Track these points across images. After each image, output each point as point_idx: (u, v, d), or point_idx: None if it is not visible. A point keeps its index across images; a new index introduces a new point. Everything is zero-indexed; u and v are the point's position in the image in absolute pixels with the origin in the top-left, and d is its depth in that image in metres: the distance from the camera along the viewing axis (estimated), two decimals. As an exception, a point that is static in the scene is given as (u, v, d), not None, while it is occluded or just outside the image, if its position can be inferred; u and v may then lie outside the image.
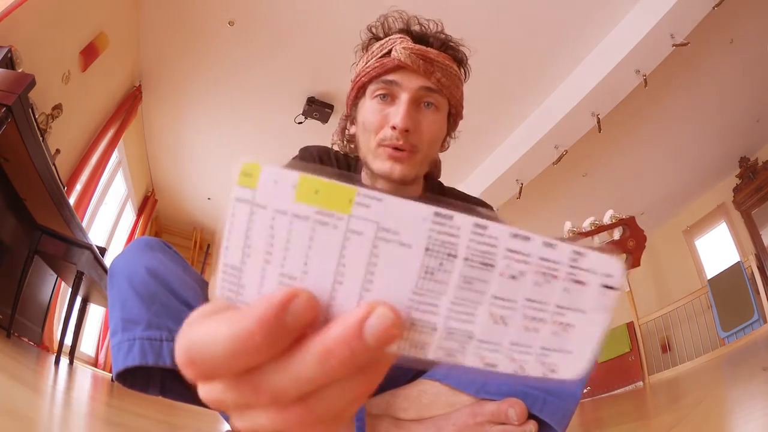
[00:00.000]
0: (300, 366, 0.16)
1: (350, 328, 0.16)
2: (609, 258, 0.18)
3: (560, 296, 0.17)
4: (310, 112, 3.33)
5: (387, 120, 0.74)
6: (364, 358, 0.16)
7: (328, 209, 0.16)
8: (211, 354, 0.16)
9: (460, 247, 0.17)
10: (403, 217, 0.16)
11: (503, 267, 0.17)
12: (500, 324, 0.17)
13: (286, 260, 0.17)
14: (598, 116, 3.08)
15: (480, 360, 0.18)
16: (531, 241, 0.17)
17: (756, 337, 3.57)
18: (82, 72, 2.55)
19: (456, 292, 0.17)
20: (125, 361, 0.55)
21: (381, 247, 0.16)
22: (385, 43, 0.76)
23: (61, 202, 2.09)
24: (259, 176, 0.17)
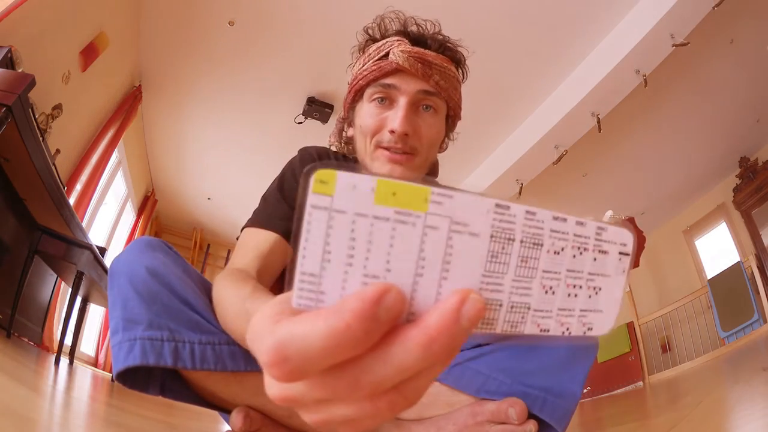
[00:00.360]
0: (404, 355, 0.17)
1: (450, 316, 0.17)
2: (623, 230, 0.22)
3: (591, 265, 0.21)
4: (310, 112, 3.33)
5: (385, 123, 0.73)
6: (460, 342, 0.17)
7: (407, 209, 0.18)
8: (307, 350, 0.17)
9: (516, 232, 0.19)
10: (471, 210, 0.18)
11: (549, 245, 0.20)
12: (550, 293, 0.20)
13: (368, 261, 0.18)
14: (598, 116, 3.08)
15: (537, 327, 0.20)
16: (567, 221, 0.20)
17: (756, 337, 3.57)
18: (82, 72, 2.55)
19: (515, 270, 0.20)
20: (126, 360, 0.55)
21: (454, 238, 0.18)
22: (383, 45, 0.75)
23: (61, 202, 2.09)
24: (336, 183, 0.17)
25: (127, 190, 4.05)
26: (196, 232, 5.35)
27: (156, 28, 2.88)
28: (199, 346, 0.57)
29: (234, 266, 0.66)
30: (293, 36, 2.87)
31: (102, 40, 2.60)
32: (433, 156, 0.80)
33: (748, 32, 2.98)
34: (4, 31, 1.81)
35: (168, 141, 3.96)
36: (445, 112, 0.78)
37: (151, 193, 4.57)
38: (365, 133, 0.75)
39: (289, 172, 0.80)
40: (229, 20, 2.78)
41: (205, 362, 0.57)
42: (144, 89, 3.31)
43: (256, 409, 0.63)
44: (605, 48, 2.84)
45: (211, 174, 4.35)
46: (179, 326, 0.57)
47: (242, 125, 3.70)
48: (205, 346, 0.57)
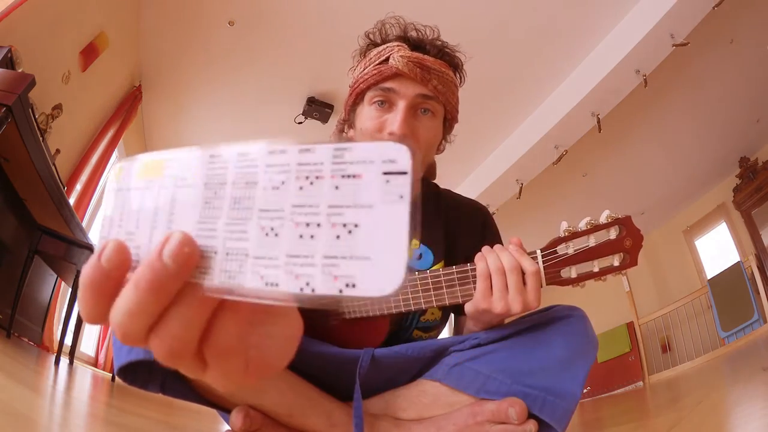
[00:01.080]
0: (122, 299, 0.19)
1: (152, 254, 0.18)
2: (386, 144, 0.17)
3: (331, 195, 0.17)
4: (310, 112, 3.33)
5: (384, 126, 0.76)
6: (170, 278, 0.18)
7: (151, 177, 0.21)
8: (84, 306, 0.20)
9: (228, 175, 0.19)
10: (188, 165, 0.20)
11: (265, 182, 0.18)
12: (271, 236, 0.17)
13: (127, 221, 0.21)
14: (598, 116, 3.08)
15: (259, 279, 0.17)
16: (288, 152, 0.18)
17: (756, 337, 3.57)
18: (82, 72, 2.55)
19: (228, 213, 0.18)
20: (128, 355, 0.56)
21: (178, 193, 0.20)
22: (383, 50, 0.78)
23: (61, 202, 2.09)
24: (122, 170, 0.22)
25: (127, 190, 4.04)
26: (196, 232, 5.36)
27: (156, 28, 2.87)
28: None
29: None
30: (293, 36, 2.87)
31: (102, 40, 2.60)
32: (430, 158, 0.83)
33: (748, 32, 2.98)
34: (4, 31, 1.81)
35: (168, 141, 3.96)
36: (442, 116, 0.81)
37: (151, 193, 4.57)
38: (365, 136, 0.77)
39: None
40: (229, 20, 2.78)
41: None
42: (144, 89, 3.31)
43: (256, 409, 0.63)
44: (605, 48, 2.84)
45: (211, 174, 4.35)
46: None
47: (242, 125, 3.69)
48: None
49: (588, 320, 0.69)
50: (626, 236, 0.66)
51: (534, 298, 0.61)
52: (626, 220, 0.67)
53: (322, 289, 0.16)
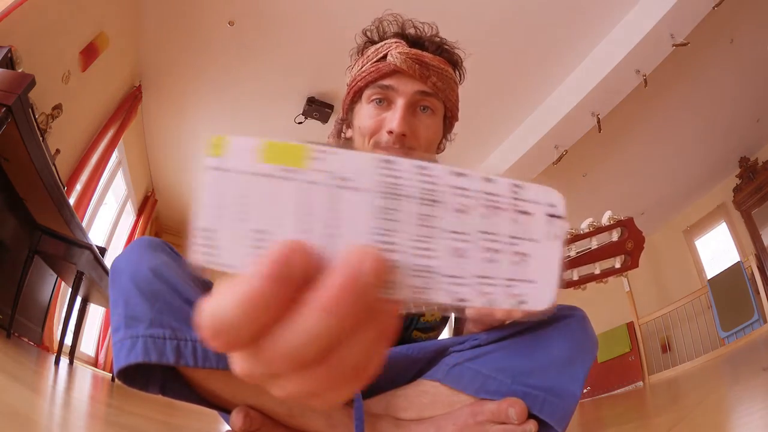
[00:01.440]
0: (309, 320, 0.16)
1: (349, 273, 0.16)
2: (548, 189, 0.19)
3: (510, 227, 0.19)
4: (310, 112, 3.33)
5: (383, 124, 0.75)
6: (366, 301, 0.16)
7: (289, 165, 0.18)
8: (226, 317, 0.17)
9: (407, 187, 0.18)
10: (355, 165, 0.18)
11: (451, 202, 0.18)
12: (460, 256, 0.18)
13: (256, 216, 0.18)
14: (598, 116, 3.08)
15: (450, 296, 0.18)
16: (470, 176, 0.19)
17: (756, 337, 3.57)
18: (82, 72, 2.55)
19: (411, 229, 0.18)
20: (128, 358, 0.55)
21: (337, 194, 0.18)
22: (381, 47, 0.77)
23: (61, 202, 2.09)
24: (226, 146, 0.18)
25: (127, 190, 4.04)
26: (196, 232, 5.35)
27: (156, 28, 2.87)
28: (202, 344, 0.57)
29: None
30: (293, 36, 2.87)
31: (102, 40, 2.60)
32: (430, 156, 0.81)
33: (748, 32, 2.98)
34: (4, 31, 1.81)
35: (168, 141, 3.96)
36: (442, 113, 0.79)
37: (151, 193, 4.57)
38: (364, 134, 0.76)
39: None
40: (229, 20, 2.78)
41: (207, 360, 0.57)
42: (144, 89, 3.31)
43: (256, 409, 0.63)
44: (605, 48, 2.84)
45: (211, 174, 4.35)
46: (182, 324, 0.57)
47: (242, 125, 3.70)
48: None
49: (588, 320, 0.69)
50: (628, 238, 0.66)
51: None
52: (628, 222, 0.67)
53: (501, 304, 0.19)
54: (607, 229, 0.67)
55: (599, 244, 0.67)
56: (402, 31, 0.79)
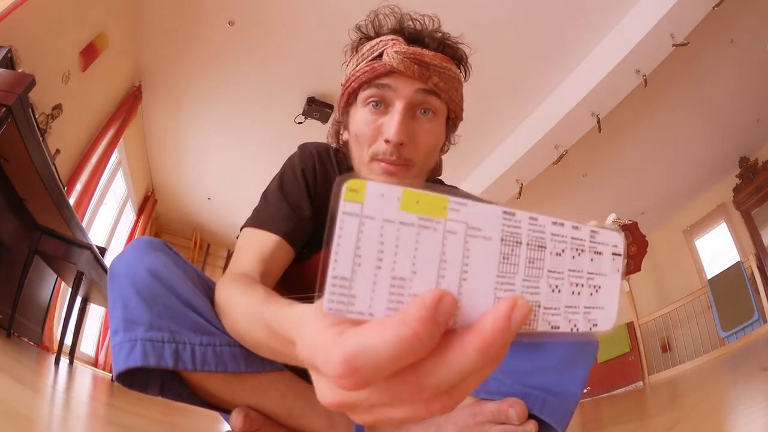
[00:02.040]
0: (463, 359, 0.18)
1: (503, 321, 0.18)
2: (613, 233, 0.24)
3: (589, 265, 0.23)
4: (310, 112, 3.33)
5: (380, 132, 0.69)
6: (509, 344, 0.19)
7: (428, 215, 0.19)
8: (378, 359, 0.18)
9: (523, 236, 0.21)
10: (483, 216, 0.21)
11: (552, 247, 0.22)
12: (556, 292, 0.22)
13: (396, 264, 0.19)
14: (598, 116, 3.08)
15: (547, 324, 0.22)
16: (565, 225, 0.22)
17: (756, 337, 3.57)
18: (82, 72, 2.55)
19: (525, 271, 0.21)
20: (127, 361, 0.55)
21: (470, 242, 0.20)
22: (376, 44, 0.70)
23: (61, 202, 2.09)
24: (365, 191, 0.19)
25: (127, 190, 4.04)
26: (196, 233, 5.35)
27: (156, 28, 2.87)
28: (200, 348, 0.57)
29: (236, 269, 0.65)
30: (293, 36, 2.87)
31: (102, 40, 2.60)
32: (431, 163, 0.76)
33: (748, 32, 2.98)
34: (4, 31, 1.81)
35: (168, 141, 3.96)
36: (445, 115, 0.73)
37: (151, 193, 4.57)
38: (361, 143, 0.71)
39: (289, 170, 0.77)
40: (229, 20, 2.78)
41: (205, 364, 0.57)
42: (144, 89, 3.31)
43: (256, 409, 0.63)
44: (605, 48, 2.83)
45: (210, 174, 4.35)
46: (180, 328, 0.57)
47: (242, 125, 3.70)
48: (206, 347, 0.57)
49: (588, 320, 0.69)
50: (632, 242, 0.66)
51: None
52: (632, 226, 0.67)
53: (581, 328, 0.23)
54: None
55: None
56: (399, 25, 0.72)
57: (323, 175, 0.78)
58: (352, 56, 0.75)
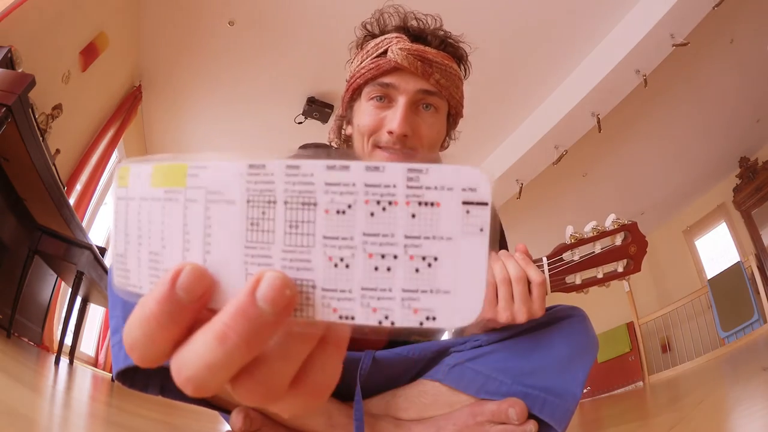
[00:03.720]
0: (204, 347, 0.16)
1: (243, 300, 0.15)
2: (463, 168, 0.16)
3: (407, 224, 0.15)
4: (310, 112, 3.33)
5: (383, 124, 0.71)
6: (268, 327, 0.16)
7: (172, 186, 0.18)
8: (134, 336, 0.17)
9: (277, 192, 0.16)
10: (224, 177, 0.17)
11: (326, 203, 0.16)
12: (341, 267, 0.16)
13: (150, 239, 0.18)
14: (598, 116, 3.08)
15: (332, 312, 0.16)
16: (351, 169, 0.16)
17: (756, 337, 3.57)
18: (82, 72, 2.55)
19: (284, 239, 0.16)
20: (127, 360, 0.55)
21: (212, 209, 0.17)
22: (381, 42, 0.73)
23: (61, 202, 2.09)
24: (129, 175, 0.19)
25: (127, 190, 4.04)
26: (196, 232, 5.35)
27: (156, 28, 2.87)
28: None
29: None
30: (293, 36, 2.87)
31: (102, 40, 2.60)
32: (433, 157, 0.79)
33: (748, 32, 2.98)
34: (4, 31, 1.81)
35: (168, 141, 3.96)
36: (446, 111, 0.76)
37: (151, 193, 4.57)
38: (363, 133, 0.73)
39: None
40: (229, 20, 2.78)
41: None
42: (144, 89, 3.31)
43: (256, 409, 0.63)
44: (605, 48, 2.83)
45: (211, 174, 4.35)
46: None
47: (242, 125, 3.69)
48: None
49: (588, 320, 0.69)
50: (632, 242, 0.66)
51: (539, 307, 0.60)
52: (632, 226, 0.67)
53: (402, 323, 0.16)
54: (611, 234, 0.66)
55: (603, 248, 0.67)
56: (403, 24, 0.75)
57: None
58: (357, 53, 0.78)
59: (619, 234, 0.67)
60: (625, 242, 0.66)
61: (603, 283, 0.67)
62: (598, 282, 0.67)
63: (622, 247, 0.66)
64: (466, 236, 0.16)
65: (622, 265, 0.67)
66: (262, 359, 0.16)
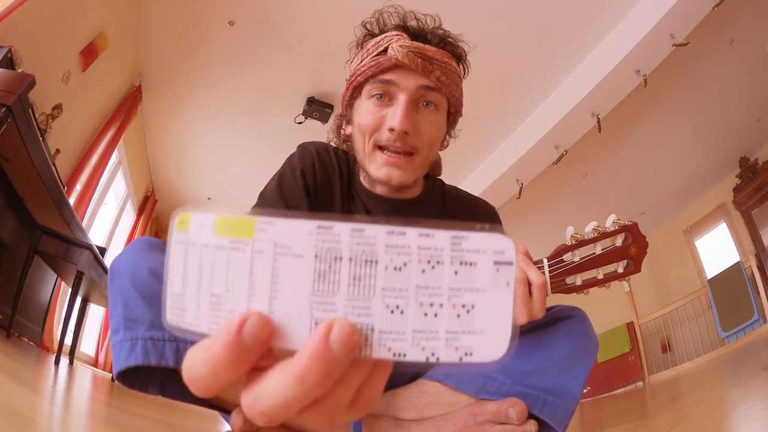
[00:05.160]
0: (282, 388, 0.18)
1: (319, 344, 0.18)
2: (495, 236, 0.19)
3: (451, 279, 0.19)
4: (310, 112, 3.33)
5: (384, 121, 0.71)
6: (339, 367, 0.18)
7: (238, 237, 0.20)
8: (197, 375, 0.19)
9: (343, 250, 0.19)
10: (293, 233, 0.20)
11: (386, 261, 0.19)
12: (397, 313, 0.19)
13: (212, 283, 0.20)
14: (598, 116, 3.08)
15: (387, 350, 0.19)
16: (407, 234, 0.19)
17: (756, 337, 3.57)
18: (82, 72, 2.55)
19: (348, 289, 0.19)
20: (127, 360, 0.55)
21: (279, 260, 0.20)
22: (381, 40, 0.73)
23: (61, 202, 2.09)
24: (190, 222, 0.21)
25: (127, 190, 4.04)
26: (196, 232, 5.35)
27: (156, 28, 2.87)
28: None
29: None
30: (293, 36, 2.87)
31: (102, 40, 2.60)
32: (433, 155, 0.79)
33: (748, 32, 2.98)
34: (4, 31, 1.81)
35: (168, 141, 3.96)
36: (446, 109, 0.76)
37: (151, 193, 4.57)
38: (364, 132, 0.73)
39: (288, 169, 0.78)
40: (229, 20, 2.78)
41: None
42: (144, 89, 3.31)
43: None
44: (605, 48, 2.84)
45: (211, 174, 4.35)
46: None
47: (242, 125, 3.69)
48: None
49: (589, 320, 0.69)
50: (632, 243, 0.66)
51: (539, 308, 0.60)
52: (633, 227, 0.67)
53: (446, 359, 0.19)
54: (612, 235, 0.66)
55: (603, 248, 0.66)
56: (403, 23, 0.76)
57: (323, 175, 0.79)
58: (357, 52, 0.78)
59: (620, 235, 0.67)
60: (625, 243, 0.66)
61: (603, 284, 0.67)
62: (599, 283, 0.67)
63: (622, 248, 0.66)
64: (496, 288, 0.19)
65: (622, 266, 0.67)
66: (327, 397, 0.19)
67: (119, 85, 3.12)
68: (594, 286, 0.67)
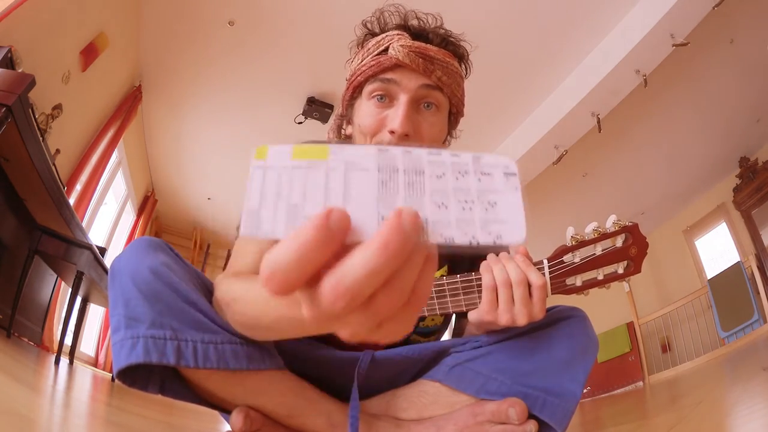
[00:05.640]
0: (367, 258, 0.20)
1: (394, 221, 0.20)
2: (502, 157, 0.26)
3: (476, 184, 0.25)
4: (310, 112, 3.33)
5: (385, 123, 0.71)
6: (409, 243, 0.21)
7: (314, 159, 0.24)
8: (284, 262, 0.20)
9: (399, 165, 0.24)
10: (360, 154, 0.24)
11: (430, 171, 0.25)
12: (443, 208, 0.24)
13: (290, 195, 0.23)
14: (598, 116, 3.08)
15: (440, 236, 0.23)
16: (442, 154, 0.25)
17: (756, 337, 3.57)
18: (82, 72, 2.55)
19: (405, 192, 0.24)
20: (128, 358, 0.55)
21: (350, 174, 0.24)
22: (382, 39, 0.72)
23: (61, 202, 2.09)
24: (267, 152, 0.24)
25: (127, 190, 4.04)
26: (196, 232, 5.35)
27: (156, 29, 2.87)
28: (202, 345, 0.57)
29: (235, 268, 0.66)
30: (293, 36, 2.87)
31: (102, 40, 2.60)
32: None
33: (748, 32, 2.98)
34: (4, 31, 1.81)
35: (168, 141, 3.96)
36: (447, 109, 0.76)
37: (151, 193, 4.57)
38: (364, 134, 0.73)
39: None
40: (229, 20, 2.78)
41: (207, 361, 0.57)
42: (144, 89, 3.31)
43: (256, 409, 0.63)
44: (605, 48, 2.84)
45: (211, 174, 4.35)
46: (182, 325, 0.57)
47: (242, 125, 3.70)
48: (208, 345, 0.57)
49: (589, 321, 0.69)
50: (632, 244, 0.66)
51: (539, 310, 0.60)
52: (633, 228, 0.67)
53: (482, 240, 0.23)
54: (612, 236, 0.66)
55: (603, 249, 0.66)
56: (404, 22, 0.75)
57: None
58: (357, 52, 0.77)
59: (620, 235, 0.67)
60: (625, 244, 0.66)
61: (603, 285, 0.67)
62: (599, 284, 0.67)
63: (622, 248, 0.66)
64: (509, 191, 0.25)
65: (622, 267, 0.67)
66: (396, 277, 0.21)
67: (119, 85, 3.12)
68: (594, 286, 0.67)
